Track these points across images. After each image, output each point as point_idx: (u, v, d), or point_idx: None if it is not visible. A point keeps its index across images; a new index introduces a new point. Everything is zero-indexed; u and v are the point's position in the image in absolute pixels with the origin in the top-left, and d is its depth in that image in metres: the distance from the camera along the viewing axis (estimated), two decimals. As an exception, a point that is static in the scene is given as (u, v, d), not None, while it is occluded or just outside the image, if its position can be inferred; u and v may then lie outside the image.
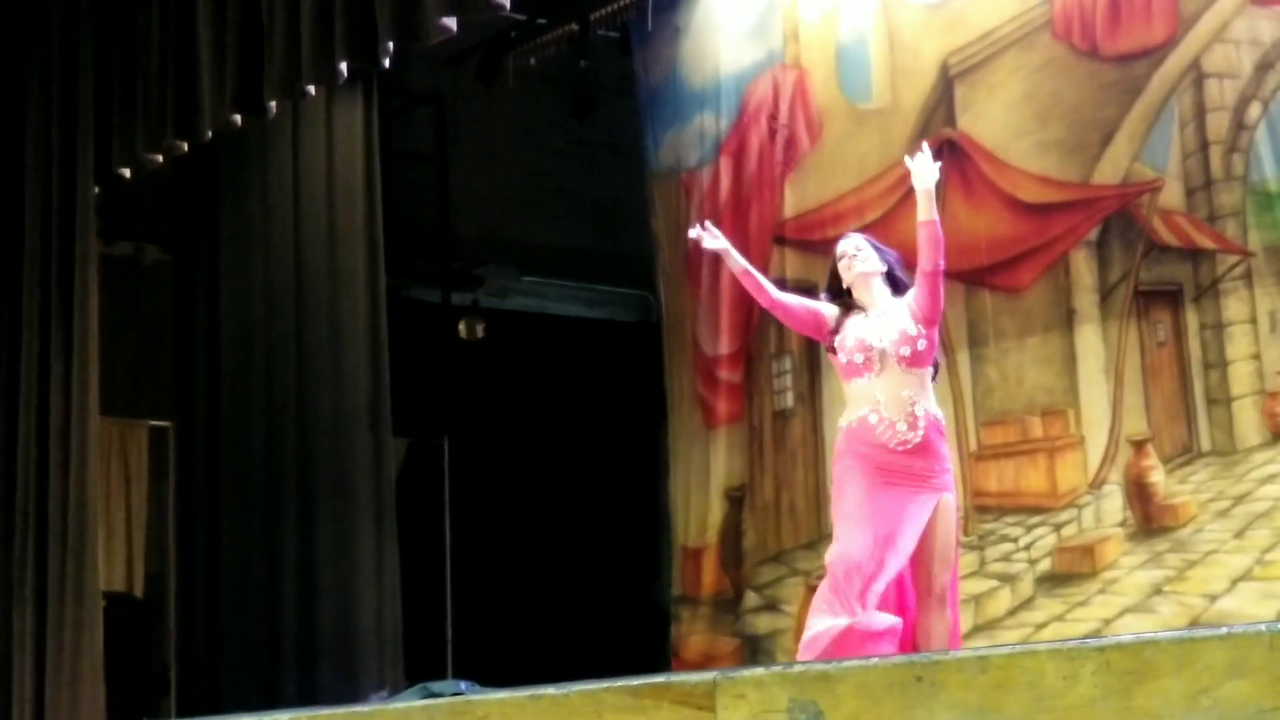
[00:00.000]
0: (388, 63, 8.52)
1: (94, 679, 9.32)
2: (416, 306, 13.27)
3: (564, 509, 13.89)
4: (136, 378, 11.93)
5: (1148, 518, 9.05)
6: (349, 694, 9.92)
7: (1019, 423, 9.73)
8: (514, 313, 14.16)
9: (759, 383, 11.17)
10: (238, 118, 9.05)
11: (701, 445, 11.50)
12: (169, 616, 11.55)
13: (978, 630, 9.59)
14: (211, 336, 11.11)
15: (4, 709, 9.40)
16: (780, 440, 10.94)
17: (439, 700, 4.18)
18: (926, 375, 6.49)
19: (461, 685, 4.98)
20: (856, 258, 6.60)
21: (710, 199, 11.45)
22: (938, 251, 6.39)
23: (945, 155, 9.99)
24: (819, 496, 10.40)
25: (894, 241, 9.90)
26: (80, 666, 9.28)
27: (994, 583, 9.66)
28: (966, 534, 9.79)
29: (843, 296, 6.65)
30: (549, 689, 3.47)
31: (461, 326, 13.42)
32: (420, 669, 10.12)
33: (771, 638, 10.68)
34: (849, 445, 6.50)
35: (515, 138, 13.75)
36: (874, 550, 6.25)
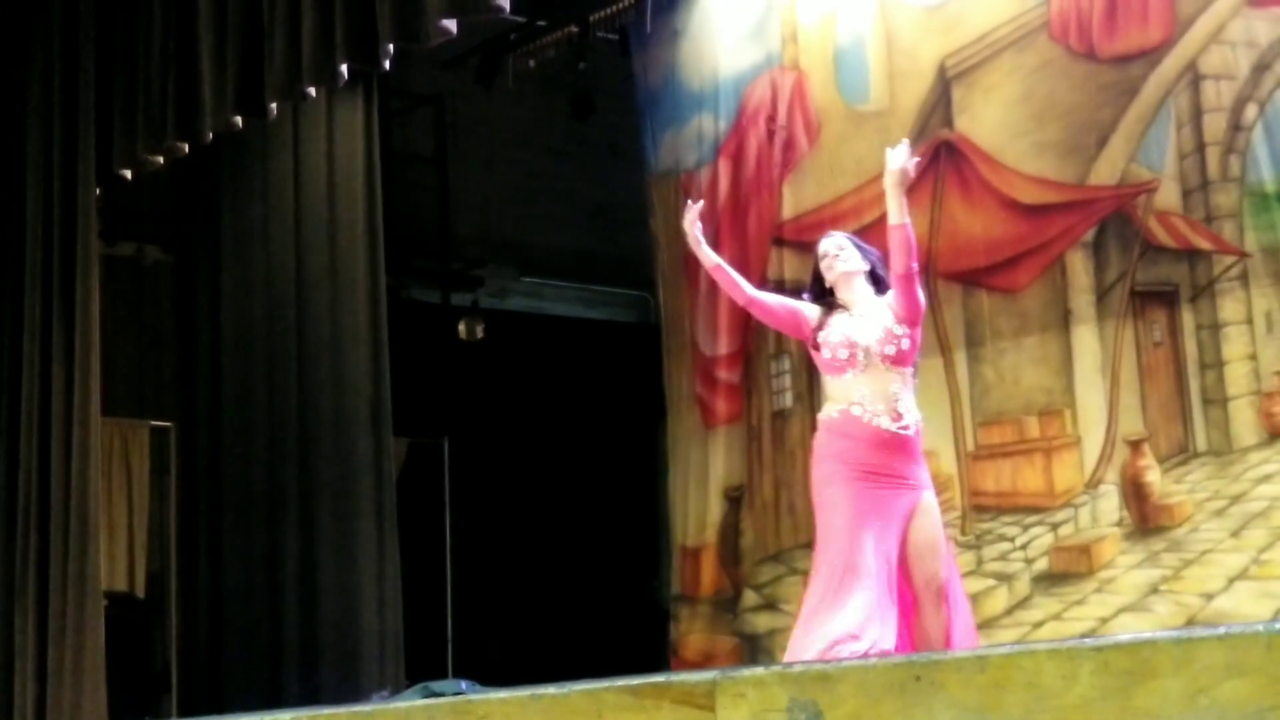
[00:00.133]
0: (388, 64, 8.53)
1: (95, 678, 9.31)
2: (416, 307, 13.28)
3: (563, 509, 13.91)
4: (138, 378, 11.94)
5: (1144, 517, 9.05)
6: (350, 693, 9.92)
7: (1016, 423, 9.74)
8: (513, 313, 14.17)
9: (758, 382, 11.18)
10: (238, 119, 9.05)
11: (700, 445, 11.51)
12: (170, 616, 11.57)
13: (976, 629, 9.61)
14: (213, 337, 11.13)
15: (6, 708, 9.41)
16: (779, 440, 10.96)
17: (440, 700, 4.19)
18: (909, 375, 6.50)
19: (463, 685, 5.00)
20: (839, 257, 6.60)
21: (709, 200, 11.40)
22: (910, 255, 6.37)
23: (943, 156, 10.04)
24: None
25: (891, 242, 10.00)
26: (82, 666, 9.28)
27: (991, 582, 9.67)
28: (964, 534, 9.81)
29: (826, 296, 6.65)
30: (549, 688, 3.49)
31: (461, 327, 13.43)
32: (421, 668, 10.13)
33: (770, 637, 10.68)
34: (830, 443, 6.49)
35: (515, 139, 13.77)
36: (873, 553, 6.27)
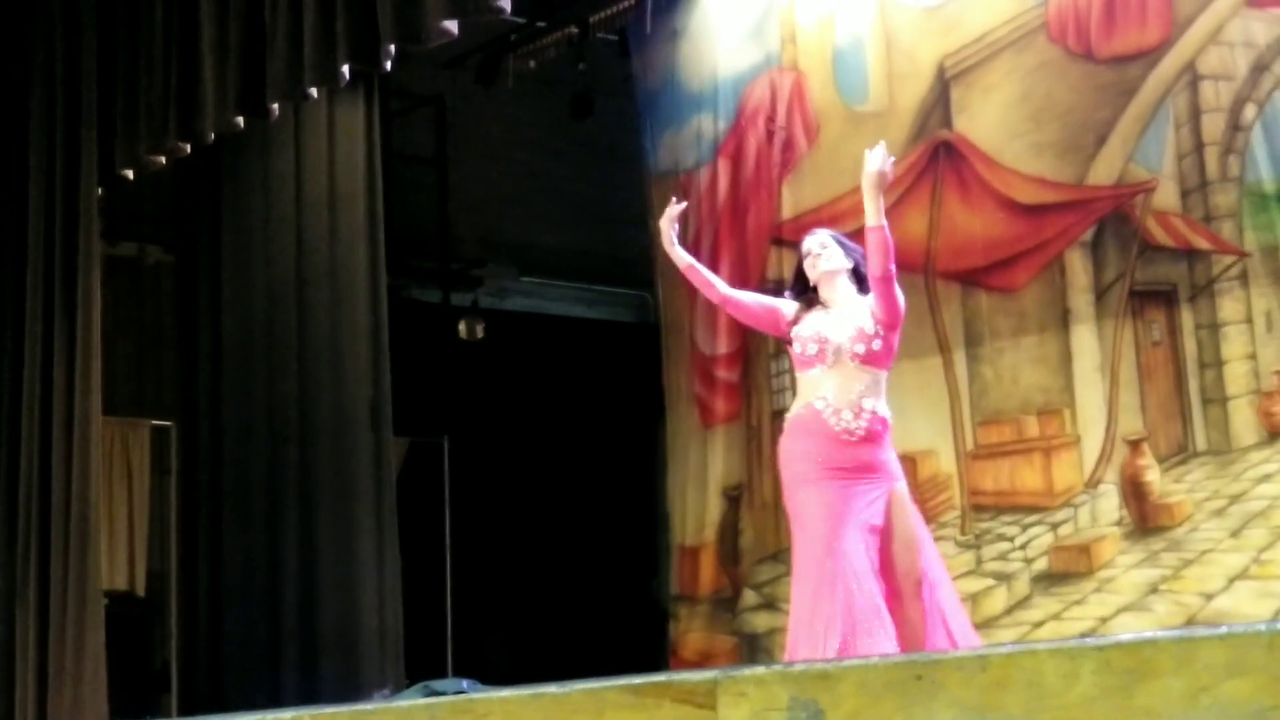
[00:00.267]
0: (389, 65, 8.54)
1: (96, 677, 9.32)
2: (416, 307, 13.29)
3: (563, 508, 13.92)
4: (139, 377, 11.96)
5: (1143, 517, 9.06)
6: (350, 692, 9.93)
7: (1015, 422, 9.74)
8: (513, 313, 14.18)
9: (757, 382, 11.19)
10: (240, 120, 9.06)
11: (699, 444, 11.52)
12: (170, 615, 11.58)
13: (975, 629, 9.60)
14: (213, 336, 11.13)
15: (6, 707, 9.41)
16: (778, 439, 10.96)
17: (442, 699, 4.20)
18: (881, 377, 6.46)
19: (464, 684, 5.02)
20: (821, 256, 6.57)
21: (708, 200, 11.47)
22: (888, 257, 6.32)
23: (941, 157, 10.05)
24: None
25: (892, 242, 10.01)
26: (82, 664, 9.28)
27: (990, 582, 9.68)
28: (963, 533, 9.82)
29: (809, 293, 6.63)
30: (550, 687, 3.48)
31: (461, 327, 13.44)
32: (420, 667, 10.16)
33: (770, 636, 10.69)
34: (795, 443, 6.50)
35: (514, 139, 13.78)
36: (859, 552, 6.26)
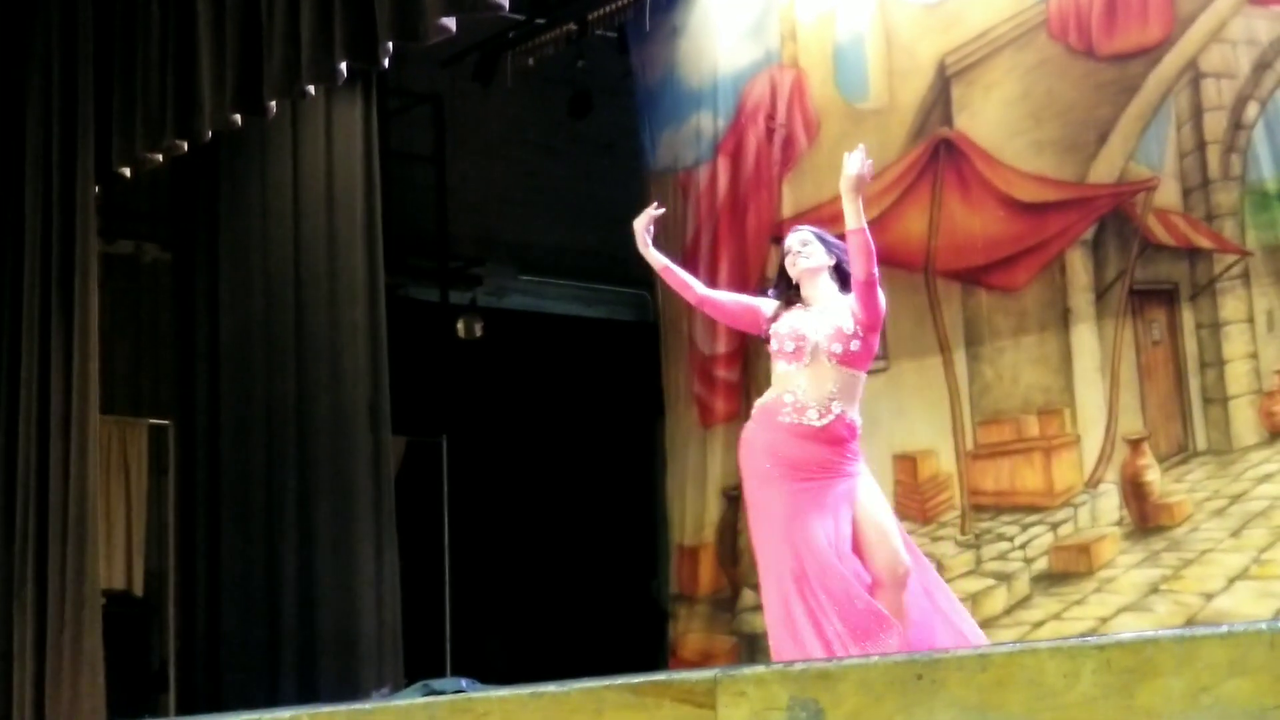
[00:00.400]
0: (387, 63, 8.53)
1: (94, 676, 9.31)
2: (415, 305, 13.29)
3: (562, 507, 13.91)
4: (136, 376, 11.96)
5: (1144, 517, 9.05)
6: (348, 692, 9.93)
7: (1015, 422, 9.74)
8: (512, 311, 14.18)
9: (756, 381, 11.16)
10: (238, 118, 9.05)
11: (698, 444, 11.51)
12: (168, 614, 11.57)
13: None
14: (211, 335, 11.13)
15: (4, 706, 9.41)
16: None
17: (441, 698, 4.18)
18: (857, 379, 6.37)
19: (463, 683, 5.00)
20: (802, 254, 6.49)
21: (708, 198, 11.46)
22: (870, 260, 6.22)
23: (942, 154, 10.04)
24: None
25: (891, 240, 10.00)
26: (80, 664, 9.27)
27: (990, 581, 9.67)
28: (963, 533, 9.82)
29: (792, 290, 6.54)
30: (550, 686, 3.48)
31: (460, 325, 13.44)
32: (419, 667, 10.15)
33: (769, 636, 10.67)
34: (758, 435, 6.38)
35: (513, 137, 13.77)
36: (828, 550, 6.19)
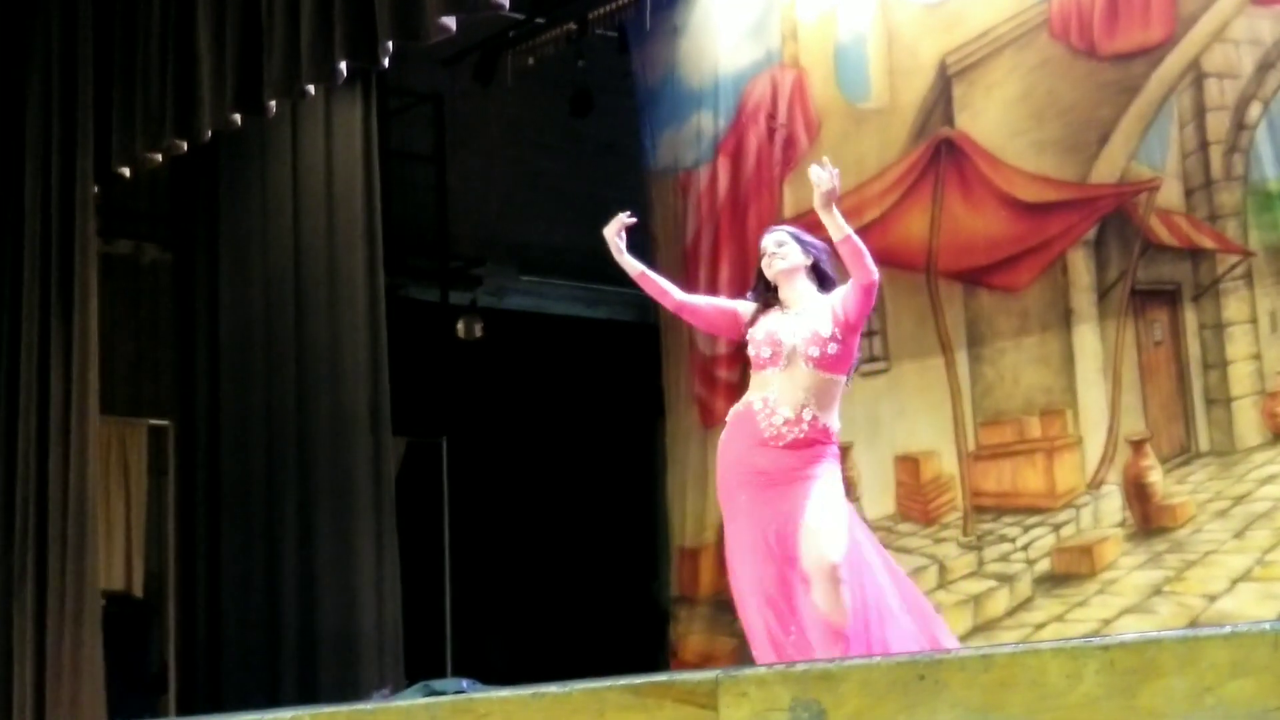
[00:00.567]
0: (387, 62, 8.52)
1: (93, 677, 9.32)
2: (415, 306, 13.29)
3: (562, 508, 13.91)
4: (136, 376, 11.95)
5: (1146, 518, 9.05)
6: (349, 692, 9.93)
7: (1016, 423, 9.73)
8: (512, 312, 14.18)
9: (757, 382, 11.17)
10: (237, 117, 9.05)
11: (699, 445, 11.50)
12: (168, 615, 11.57)
13: (977, 630, 9.61)
14: (211, 335, 11.13)
15: (4, 707, 9.41)
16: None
17: (442, 698, 4.18)
18: (835, 383, 6.25)
19: (464, 683, 4.99)
20: (777, 255, 6.39)
21: (708, 199, 11.46)
22: (869, 262, 6.13)
23: (943, 154, 10.04)
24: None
25: (893, 240, 10.00)
26: (80, 665, 9.28)
27: (992, 583, 9.67)
28: (965, 534, 9.81)
29: (770, 292, 6.44)
30: (551, 687, 3.47)
31: (460, 326, 13.43)
32: (419, 667, 10.14)
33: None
34: (729, 440, 6.32)
35: (513, 137, 13.76)
36: (783, 569, 6.12)
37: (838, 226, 6.14)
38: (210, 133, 9.21)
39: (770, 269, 6.42)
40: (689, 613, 11.45)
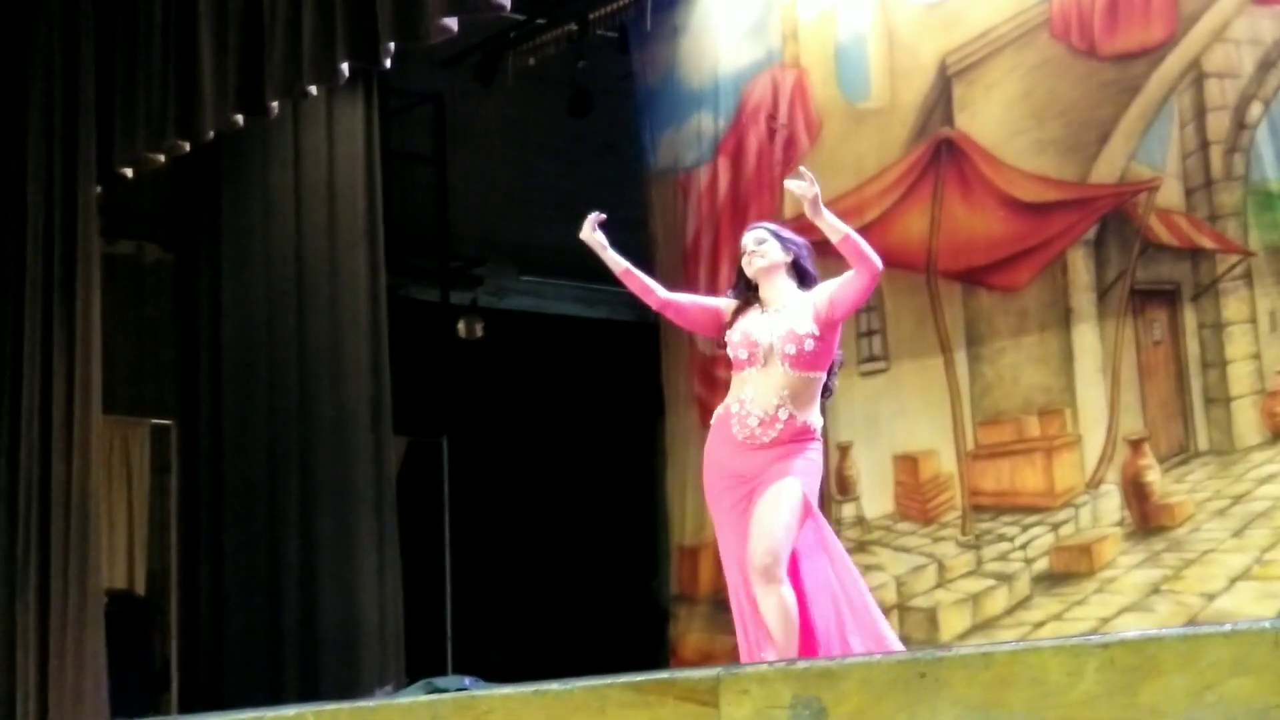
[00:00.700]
0: (388, 63, 8.54)
1: (96, 675, 9.34)
2: (415, 306, 13.29)
3: (562, 507, 13.92)
4: (138, 376, 11.96)
5: (1144, 517, 9.04)
6: (350, 690, 9.94)
7: (1015, 422, 9.72)
8: (512, 312, 14.19)
9: (757, 381, 11.17)
10: (239, 118, 9.06)
11: (699, 444, 11.33)
12: (170, 613, 11.58)
13: (975, 629, 9.62)
14: (213, 335, 11.14)
15: (8, 705, 9.43)
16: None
17: (444, 695, 4.19)
18: (814, 381, 6.18)
19: (466, 681, 5.00)
20: (756, 253, 6.32)
21: (708, 199, 11.45)
22: (869, 254, 6.06)
23: (943, 154, 10.04)
24: (821, 495, 10.40)
25: (892, 240, 10.00)
26: (82, 663, 9.30)
27: (991, 582, 9.67)
28: (964, 533, 9.81)
29: (751, 290, 6.36)
30: (553, 685, 3.48)
31: (460, 325, 13.45)
32: (420, 665, 10.16)
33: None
34: (710, 445, 6.34)
35: (513, 137, 13.75)
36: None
37: (833, 228, 6.08)
38: (212, 133, 9.23)
39: (750, 267, 6.35)
40: (689, 611, 11.45)
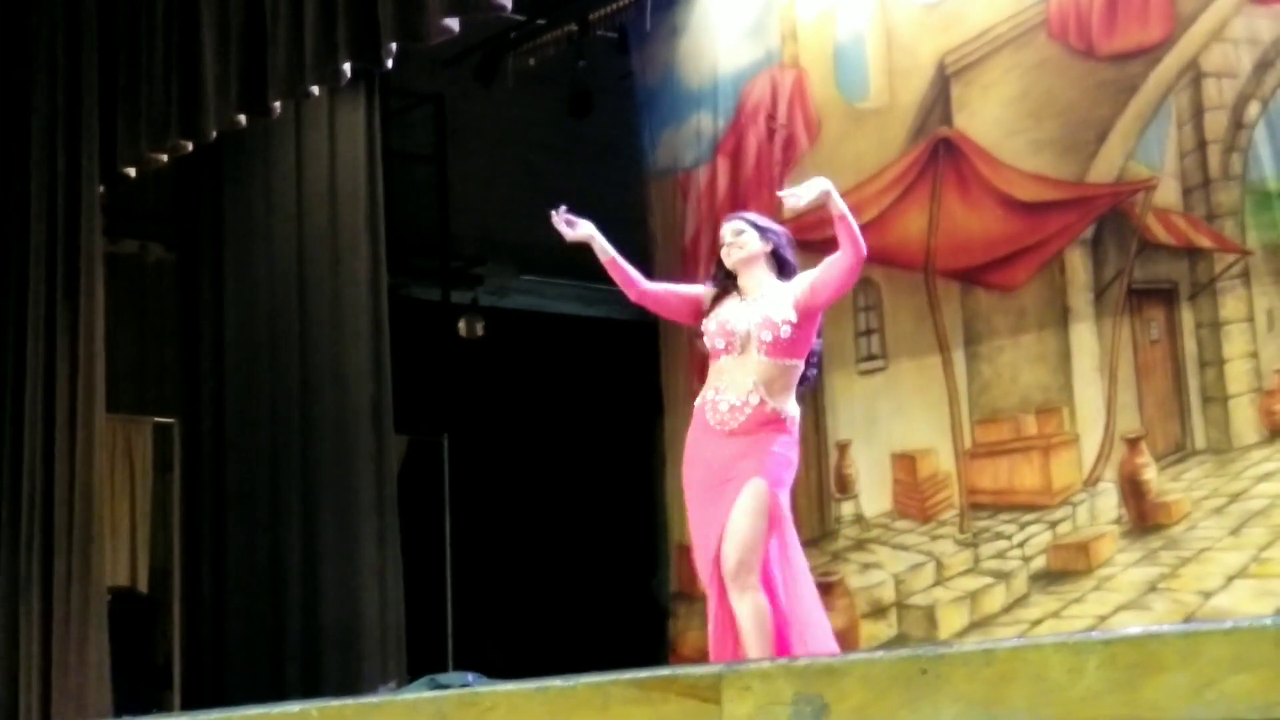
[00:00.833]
0: (390, 63, 8.56)
1: (99, 673, 9.35)
2: (416, 305, 13.31)
3: (562, 505, 13.94)
4: (141, 375, 11.98)
5: (1141, 515, 9.06)
6: (352, 688, 9.95)
7: (1013, 420, 9.73)
8: (513, 311, 14.20)
9: (757, 381, 11.18)
10: (242, 118, 9.08)
11: (698, 443, 11.50)
12: (173, 611, 11.60)
13: (973, 627, 9.63)
14: (215, 334, 11.16)
15: (11, 702, 9.45)
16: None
17: (447, 692, 4.20)
18: (790, 369, 6.20)
19: (469, 677, 5.02)
20: (734, 244, 6.34)
21: (707, 199, 11.46)
22: (861, 237, 6.06)
23: (941, 154, 10.06)
24: (820, 494, 10.45)
25: (891, 240, 10.03)
26: (86, 660, 9.31)
27: (988, 580, 9.68)
28: (961, 531, 9.83)
29: (730, 280, 6.38)
30: (556, 681, 3.48)
31: (461, 325, 13.47)
32: (421, 663, 10.18)
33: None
34: (691, 436, 6.33)
35: (514, 137, 13.75)
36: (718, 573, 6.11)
37: (838, 206, 6.09)
38: (215, 133, 9.23)
39: (729, 258, 6.36)
40: (688, 609, 11.46)
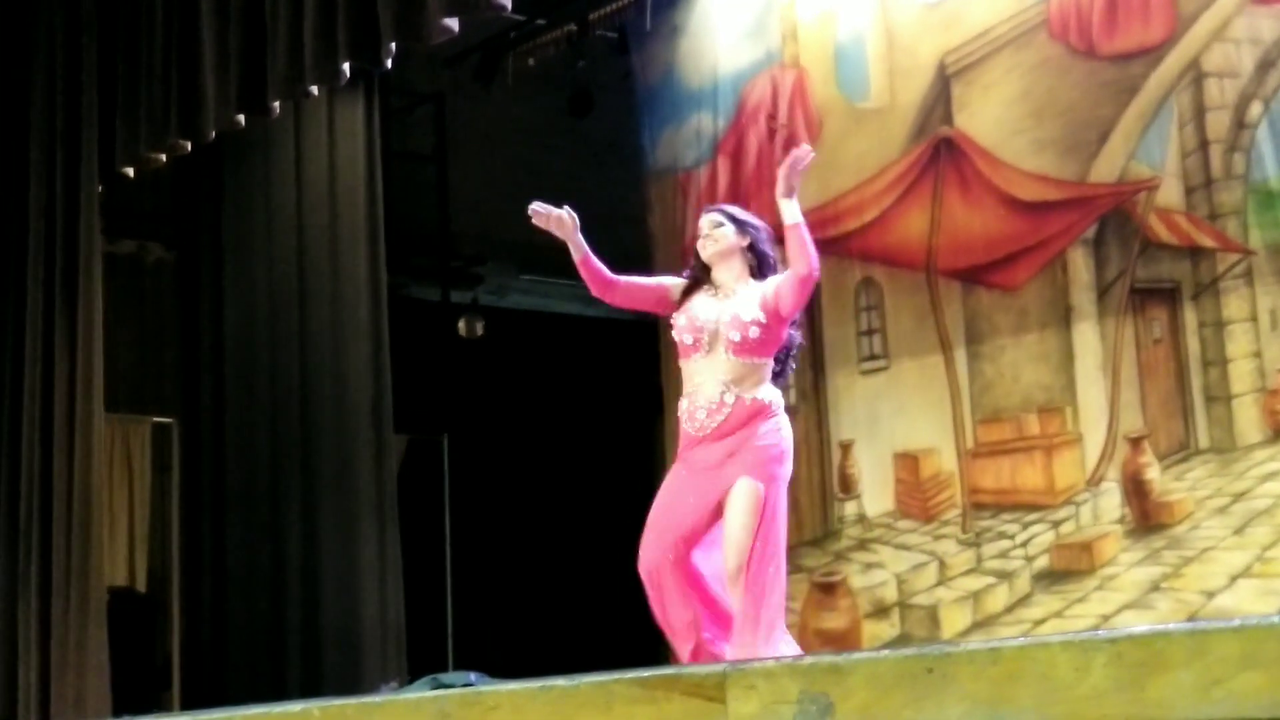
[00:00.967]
0: (390, 63, 8.55)
1: (98, 673, 9.35)
2: (416, 305, 13.30)
3: (562, 505, 13.93)
4: (140, 374, 11.98)
5: (1144, 514, 9.05)
6: (352, 687, 9.95)
7: (1015, 420, 9.73)
8: (513, 310, 14.20)
9: (756, 380, 11.17)
10: (241, 117, 9.07)
11: (699, 443, 11.49)
12: (172, 611, 11.60)
13: (976, 626, 9.63)
14: (214, 334, 11.16)
15: (10, 702, 9.44)
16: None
17: (450, 691, 4.19)
18: (760, 366, 6.14)
19: (471, 676, 5.01)
20: (710, 236, 6.33)
21: (707, 199, 11.43)
22: (812, 251, 6.02)
23: (942, 154, 10.06)
24: (822, 493, 10.44)
25: (892, 239, 10.03)
26: (84, 660, 9.30)
27: (991, 579, 9.68)
28: (964, 531, 9.82)
29: (706, 272, 6.34)
30: (559, 680, 3.47)
31: (461, 324, 13.45)
32: (422, 662, 10.17)
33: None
34: (680, 439, 6.28)
35: (513, 137, 13.74)
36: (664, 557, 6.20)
37: (791, 212, 6.04)
38: (214, 133, 9.22)
39: (704, 251, 6.33)
40: (689, 609, 11.45)
